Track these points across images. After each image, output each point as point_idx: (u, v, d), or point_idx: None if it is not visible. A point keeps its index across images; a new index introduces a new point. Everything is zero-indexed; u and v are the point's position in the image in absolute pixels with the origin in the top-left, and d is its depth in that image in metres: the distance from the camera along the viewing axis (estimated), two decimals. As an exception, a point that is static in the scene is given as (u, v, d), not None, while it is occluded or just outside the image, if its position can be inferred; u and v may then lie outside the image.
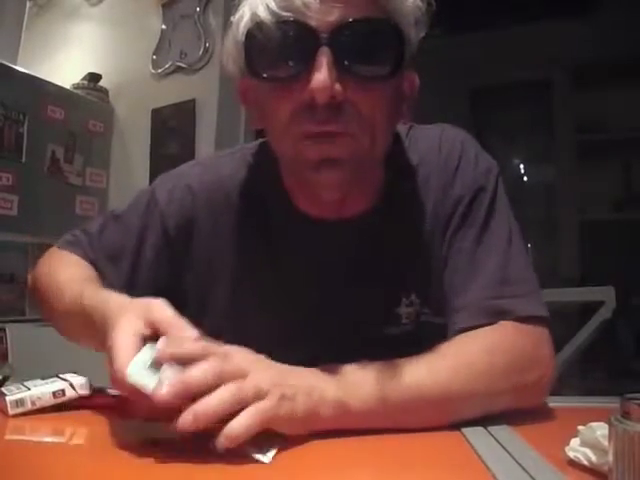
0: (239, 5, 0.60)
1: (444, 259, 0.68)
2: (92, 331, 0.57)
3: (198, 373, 0.45)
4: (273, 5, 0.55)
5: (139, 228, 0.73)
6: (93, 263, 0.73)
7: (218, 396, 0.45)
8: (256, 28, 0.56)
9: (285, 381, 0.49)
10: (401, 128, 0.74)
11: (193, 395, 0.45)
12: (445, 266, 0.68)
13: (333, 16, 0.55)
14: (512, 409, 0.57)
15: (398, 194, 0.70)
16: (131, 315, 0.51)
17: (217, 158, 0.79)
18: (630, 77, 2.83)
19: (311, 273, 0.69)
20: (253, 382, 0.47)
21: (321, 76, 0.54)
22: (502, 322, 0.61)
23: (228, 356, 0.48)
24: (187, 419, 0.44)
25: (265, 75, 0.59)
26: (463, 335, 0.61)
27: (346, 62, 0.55)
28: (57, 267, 0.72)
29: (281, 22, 0.55)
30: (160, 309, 0.51)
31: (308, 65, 0.55)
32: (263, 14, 0.56)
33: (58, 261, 0.74)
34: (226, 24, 0.64)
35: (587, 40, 2.88)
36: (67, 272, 0.70)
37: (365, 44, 0.56)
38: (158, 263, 0.73)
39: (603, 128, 2.98)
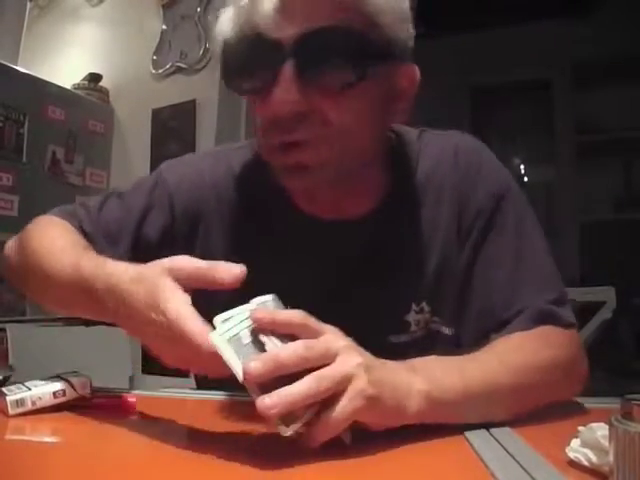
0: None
1: (466, 270, 0.68)
2: (91, 301, 0.55)
3: (290, 353, 0.43)
4: (237, 21, 0.58)
5: (142, 208, 0.71)
6: (89, 238, 0.69)
7: (305, 386, 0.43)
8: (225, 45, 0.60)
9: (371, 370, 0.47)
10: (411, 131, 0.73)
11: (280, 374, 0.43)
12: (469, 277, 0.68)
13: (294, 28, 0.55)
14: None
15: (405, 198, 0.70)
16: (169, 281, 0.48)
17: (227, 151, 0.77)
18: (630, 76, 2.84)
19: (313, 273, 0.68)
20: (339, 368, 0.45)
21: (279, 91, 0.55)
22: (549, 326, 0.63)
23: (320, 333, 0.47)
24: (268, 405, 0.41)
25: (237, 89, 0.61)
26: (520, 334, 0.62)
27: (309, 72, 0.56)
28: (52, 233, 0.67)
29: (245, 38, 0.57)
30: (187, 263, 0.49)
31: (273, 78, 0.56)
32: (228, 31, 0.59)
33: (52, 227, 0.70)
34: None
35: (587, 40, 2.88)
36: (64, 238, 0.66)
37: (326, 52, 0.56)
38: (160, 246, 0.70)
39: (603, 128, 2.98)
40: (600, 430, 0.41)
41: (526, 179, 3.49)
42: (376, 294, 0.67)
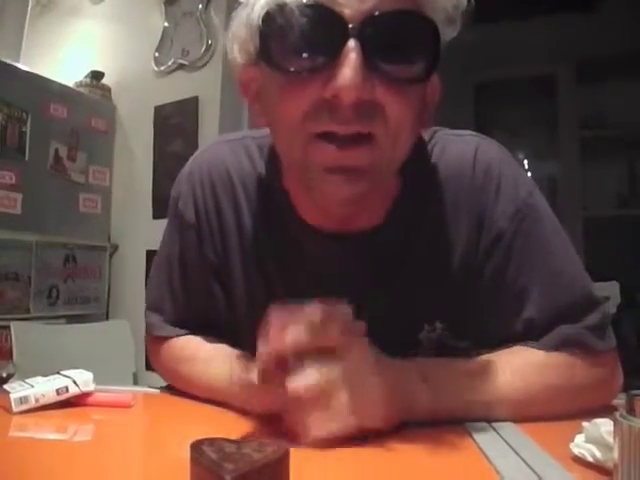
0: None
1: (489, 294, 0.63)
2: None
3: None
4: None
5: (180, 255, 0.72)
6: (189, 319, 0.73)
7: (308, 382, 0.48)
8: (277, 10, 0.49)
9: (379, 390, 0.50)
10: (421, 133, 0.66)
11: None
12: (494, 301, 0.63)
13: (366, 5, 0.48)
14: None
15: (418, 209, 0.64)
16: None
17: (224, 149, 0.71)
18: (635, 72, 2.82)
19: (319, 289, 0.56)
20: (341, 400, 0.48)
21: (350, 73, 0.47)
22: (574, 350, 0.60)
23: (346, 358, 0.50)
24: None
25: (282, 65, 0.51)
26: (544, 353, 0.60)
27: (376, 59, 0.48)
28: (178, 372, 0.72)
29: (307, 6, 0.48)
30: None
31: (333, 58, 0.48)
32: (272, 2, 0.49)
33: (174, 366, 0.73)
34: (228, 21, 0.58)
35: (591, 35, 2.86)
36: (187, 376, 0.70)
37: (399, 40, 0.49)
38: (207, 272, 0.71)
39: (607, 123, 2.97)
40: (604, 426, 0.41)
41: (530, 175, 3.48)
42: (385, 314, 0.61)
